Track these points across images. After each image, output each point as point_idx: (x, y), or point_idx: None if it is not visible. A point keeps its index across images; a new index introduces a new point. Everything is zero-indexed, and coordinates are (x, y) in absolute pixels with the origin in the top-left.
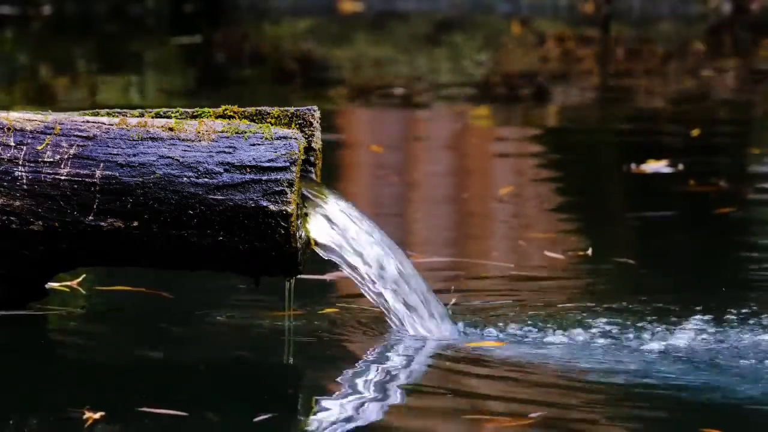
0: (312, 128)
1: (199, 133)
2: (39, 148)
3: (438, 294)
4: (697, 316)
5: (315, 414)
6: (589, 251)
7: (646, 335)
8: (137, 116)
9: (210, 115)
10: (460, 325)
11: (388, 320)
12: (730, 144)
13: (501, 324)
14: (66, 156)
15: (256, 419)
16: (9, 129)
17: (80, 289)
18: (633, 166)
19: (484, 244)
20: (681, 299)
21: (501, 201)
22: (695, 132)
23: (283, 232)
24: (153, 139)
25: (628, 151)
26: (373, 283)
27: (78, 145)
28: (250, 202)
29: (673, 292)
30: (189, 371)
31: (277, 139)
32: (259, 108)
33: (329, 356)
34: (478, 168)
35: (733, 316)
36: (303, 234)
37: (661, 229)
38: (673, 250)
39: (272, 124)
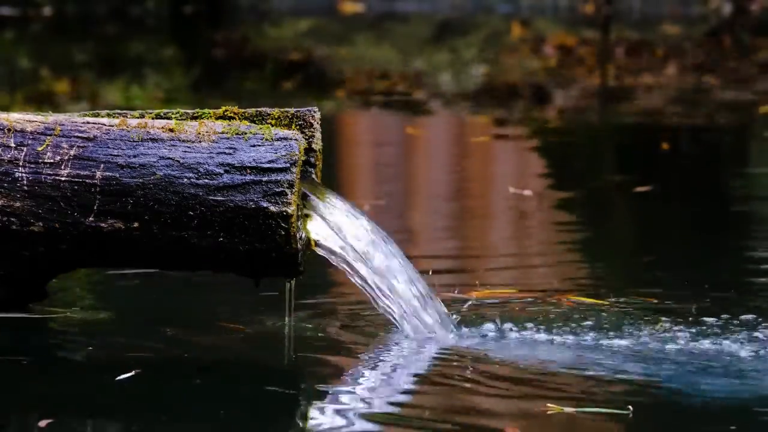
0: (312, 129)
1: (199, 134)
2: (39, 149)
3: (437, 295)
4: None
5: (314, 415)
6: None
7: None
8: (137, 117)
9: (210, 116)
10: (460, 325)
11: (387, 321)
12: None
13: (500, 323)
14: (66, 157)
15: (255, 420)
16: (9, 130)
17: (80, 290)
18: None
19: (485, 243)
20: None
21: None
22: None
23: (283, 233)
24: (153, 140)
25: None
26: (373, 283)
27: (78, 146)
28: (251, 203)
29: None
30: (188, 372)
31: (278, 140)
32: (259, 109)
33: (329, 357)
34: (479, 169)
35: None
36: (303, 235)
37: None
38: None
39: (272, 125)
